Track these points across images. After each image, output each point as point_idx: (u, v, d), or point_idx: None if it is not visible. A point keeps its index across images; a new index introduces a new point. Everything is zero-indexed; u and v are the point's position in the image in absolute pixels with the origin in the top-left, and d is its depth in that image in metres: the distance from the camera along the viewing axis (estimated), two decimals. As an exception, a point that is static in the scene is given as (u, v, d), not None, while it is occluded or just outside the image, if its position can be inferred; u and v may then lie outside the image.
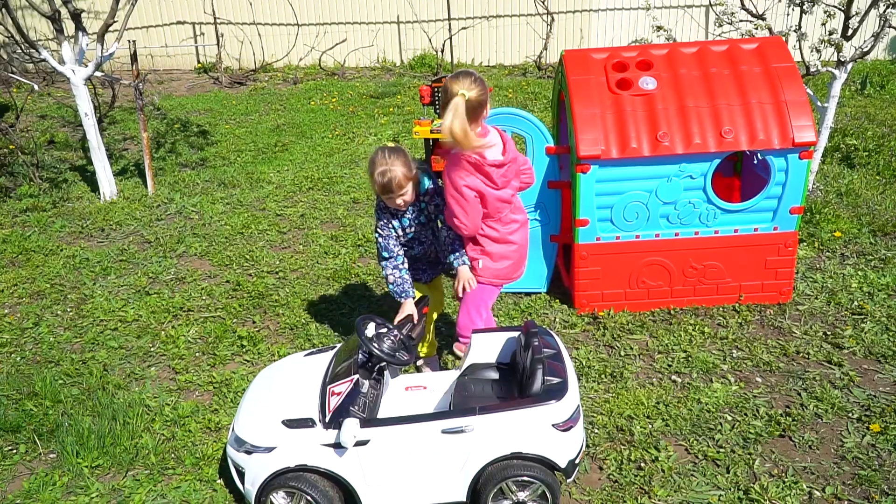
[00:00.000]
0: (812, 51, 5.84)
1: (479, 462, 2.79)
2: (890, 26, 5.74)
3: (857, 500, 3.06)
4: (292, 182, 7.20)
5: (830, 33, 5.73)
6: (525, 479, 2.81)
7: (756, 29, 6.11)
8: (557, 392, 2.83)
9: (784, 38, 5.88)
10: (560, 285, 4.91)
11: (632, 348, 4.18)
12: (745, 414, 3.59)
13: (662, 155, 4.17)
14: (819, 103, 5.87)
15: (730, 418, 3.57)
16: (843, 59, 5.72)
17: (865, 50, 5.72)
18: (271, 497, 2.89)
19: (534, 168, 4.57)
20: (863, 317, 4.40)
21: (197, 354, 4.34)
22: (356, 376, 2.93)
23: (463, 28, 12.02)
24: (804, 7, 5.68)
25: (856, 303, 4.54)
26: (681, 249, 4.43)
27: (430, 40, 12.16)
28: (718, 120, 4.18)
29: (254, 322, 4.69)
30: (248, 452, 2.90)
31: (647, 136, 4.18)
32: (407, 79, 11.54)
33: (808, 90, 5.92)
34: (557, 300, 4.74)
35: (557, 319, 4.52)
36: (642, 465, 3.27)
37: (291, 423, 2.87)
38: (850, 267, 4.99)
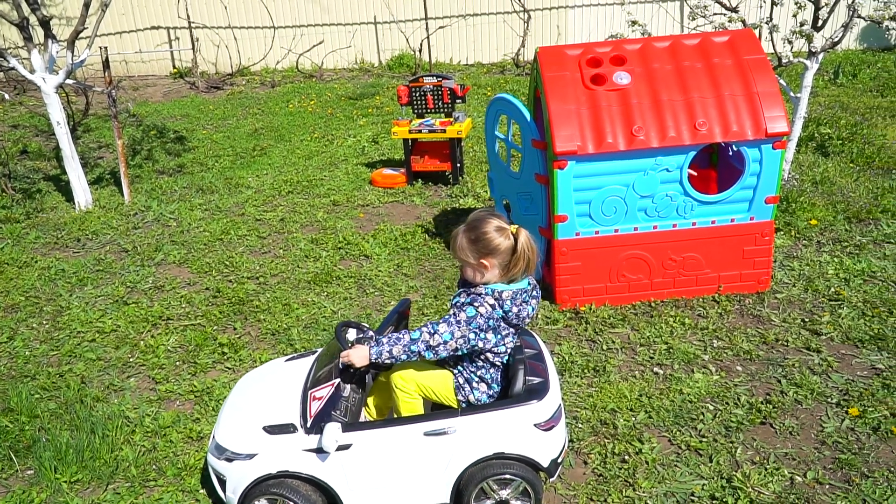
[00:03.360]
0: (784, 42, 5.90)
1: (462, 463, 2.79)
2: (859, 16, 5.80)
3: (838, 483, 3.10)
4: (271, 186, 7.16)
5: (801, 24, 5.78)
6: (507, 477, 2.81)
7: (730, 22, 6.16)
8: (539, 392, 2.82)
9: (756, 31, 5.93)
10: (541, 280, 4.91)
11: (614, 342, 4.20)
12: (727, 403, 3.62)
13: (638, 149, 4.19)
14: (792, 94, 5.92)
15: (711, 408, 3.59)
16: (814, 50, 5.78)
17: (836, 40, 5.78)
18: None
19: (526, 157, 4.62)
20: (840, 303, 4.44)
21: (177, 363, 4.30)
22: (337, 380, 2.89)
23: (440, 27, 12.02)
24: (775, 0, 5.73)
25: (833, 289, 4.59)
26: (659, 242, 4.45)
27: (407, 40, 12.14)
28: (692, 113, 4.21)
29: (235, 329, 4.66)
30: (229, 460, 2.87)
31: (623, 131, 4.20)
32: (385, 79, 11.52)
33: (781, 81, 5.98)
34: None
35: (539, 316, 4.53)
36: (626, 457, 3.29)
37: (272, 429, 2.84)
38: (827, 254, 5.05)
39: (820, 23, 5.76)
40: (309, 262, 5.51)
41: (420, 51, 11.84)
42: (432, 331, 2.72)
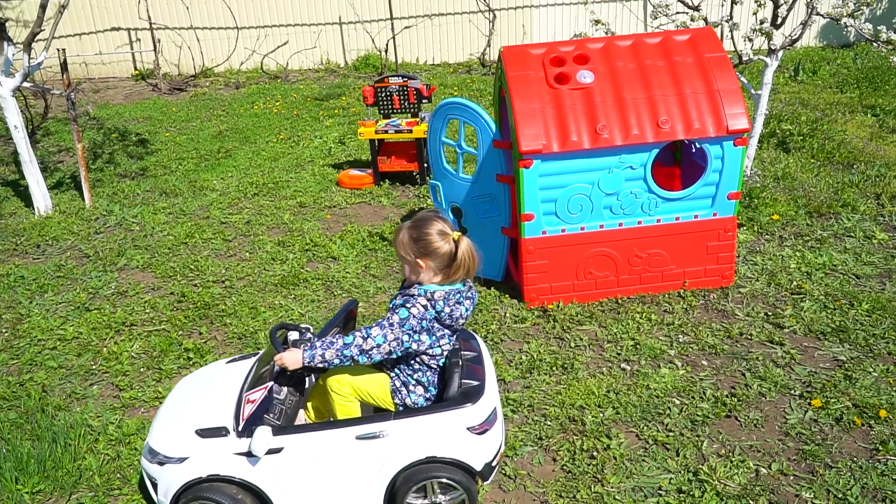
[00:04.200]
0: (745, 40, 5.99)
1: (395, 467, 2.79)
2: (818, 13, 5.91)
3: (802, 474, 3.15)
4: (237, 188, 7.08)
5: (762, 22, 5.88)
6: (443, 481, 2.81)
7: (692, 21, 6.24)
8: (473, 395, 2.82)
9: (717, 29, 6.01)
10: (510, 280, 4.93)
11: (581, 339, 4.23)
12: (693, 397, 3.66)
13: (602, 147, 4.22)
14: (753, 91, 6.02)
15: (678, 402, 3.63)
16: (773, 48, 5.87)
17: (795, 37, 5.88)
18: None
19: (484, 159, 4.62)
20: (802, 296, 4.52)
21: (141, 370, 4.23)
22: (271, 383, 2.86)
23: (406, 27, 11.99)
24: (734, -2, 5.82)
25: (795, 283, 4.67)
26: (625, 239, 4.49)
27: (373, 40, 12.09)
28: (655, 111, 4.25)
29: (200, 333, 4.59)
30: (161, 463, 2.83)
31: (587, 129, 4.23)
32: (352, 80, 11.46)
33: (742, 78, 6.06)
34: (507, 295, 4.76)
35: (508, 314, 4.54)
36: (595, 453, 3.31)
37: (204, 433, 2.82)
38: (789, 248, 5.14)
39: (779, 20, 5.86)
40: (275, 264, 5.45)
41: (386, 51, 11.81)
42: (365, 335, 2.72)
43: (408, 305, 2.74)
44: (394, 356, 2.80)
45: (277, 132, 8.98)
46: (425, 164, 6.79)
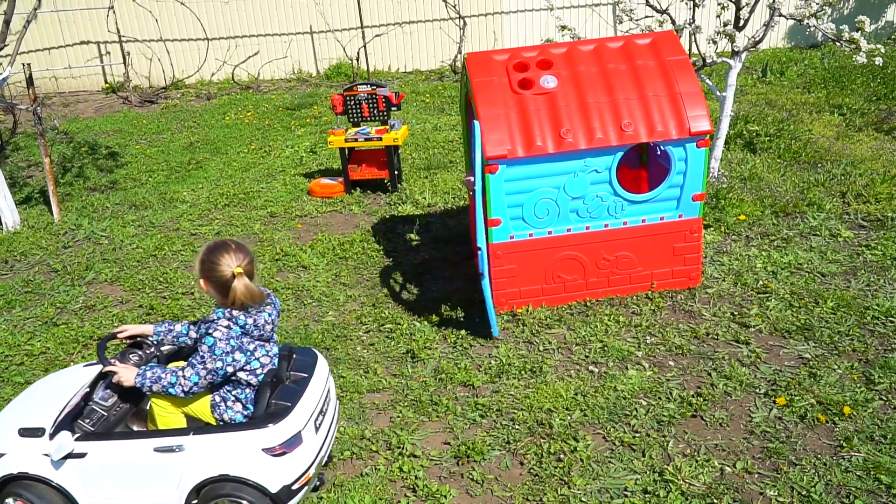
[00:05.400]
0: (709, 42, 6.06)
1: (191, 482, 2.83)
2: (780, 15, 6.00)
3: (767, 472, 3.18)
4: (207, 200, 7.03)
5: (725, 25, 5.95)
6: (236, 500, 2.83)
7: (661, 24, 6.30)
8: (274, 417, 2.84)
9: (682, 32, 6.08)
10: (478, 284, 4.92)
11: (550, 342, 4.24)
12: (659, 398, 3.68)
13: (567, 151, 4.24)
14: (718, 93, 6.09)
15: (645, 403, 3.65)
16: (737, 49, 5.95)
17: (758, 39, 5.96)
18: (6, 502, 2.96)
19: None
20: (768, 295, 4.57)
21: (108, 384, 4.17)
22: (87, 390, 3.02)
23: (376, 35, 12.00)
24: (696, 1, 5.88)
25: (761, 282, 4.72)
26: (592, 242, 4.51)
27: (344, 49, 12.08)
28: (618, 114, 4.28)
29: (168, 346, 4.54)
30: None
31: (552, 134, 4.25)
32: (323, 89, 11.43)
33: (708, 81, 6.14)
34: (477, 300, 4.76)
35: (477, 320, 4.54)
36: (562, 456, 3.31)
37: (24, 432, 2.95)
38: (755, 248, 5.20)
39: (742, 23, 5.94)
40: (246, 275, 5.41)
41: (357, 59, 11.80)
42: (182, 375, 2.84)
43: (211, 331, 2.82)
44: (216, 382, 2.89)
45: (249, 142, 8.94)
46: (395, 172, 6.78)
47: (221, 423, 2.96)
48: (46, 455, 2.88)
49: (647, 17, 6.47)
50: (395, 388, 3.94)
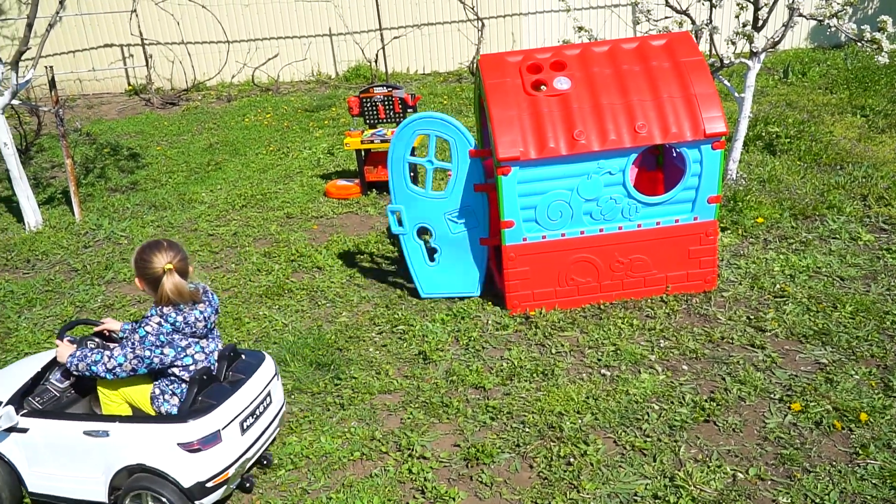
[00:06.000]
0: (728, 43, 6.00)
1: (114, 467, 2.97)
2: (800, 15, 5.92)
3: (780, 479, 3.13)
4: (225, 201, 7.09)
5: (744, 25, 5.89)
6: (155, 494, 2.91)
7: (680, 25, 6.25)
8: (194, 414, 2.92)
9: (699, 33, 6.03)
10: (493, 288, 4.92)
11: (563, 345, 4.22)
12: (672, 402, 3.65)
13: (580, 153, 4.22)
14: (736, 94, 6.03)
15: (657, 407, 3.62)
16: (755, 50, 5.89)
17: (777, 40, 5.89)
18: None
19: (460, 171, 4.58)
20: (785, 299, 4.51)
21: (123, 383, 4.22)
22: (37, 369, 3.24)
23: (395, 37, 12.03)
24: (714, 2, 5.83)
25: (778, 286, 4.66)
26: (606, 245, 4.49)
27: (363, 51, 12.14)
28: (632, 116, 4.25)
29: (184, 346, 4.59)
30: None
31: (565, 136, 4.24)
32: (342, 91, 11.49)
33: (726, 82, 6.09)
34: (490, 303, 4.75)
35: (490, 322, 4.53)
36: (572, 460, 3.30)
37: None
38: (773, 251, 5.13)
39: (760, 23, 5.87)
40: (261, 275, 5.46)
41: (376, 61, 11.85)
42: (109, 355, 2.98)
43: (143, 325, 2.97)
44: (141, 371, 3.00)
45: (267, 144, 9.01)
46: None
47: (159, 414, 3.09)
48: None
49: (666, 17, 6.43)
50: (406, 390, 3.95)
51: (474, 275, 4.79)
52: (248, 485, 3.24)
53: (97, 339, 3.36)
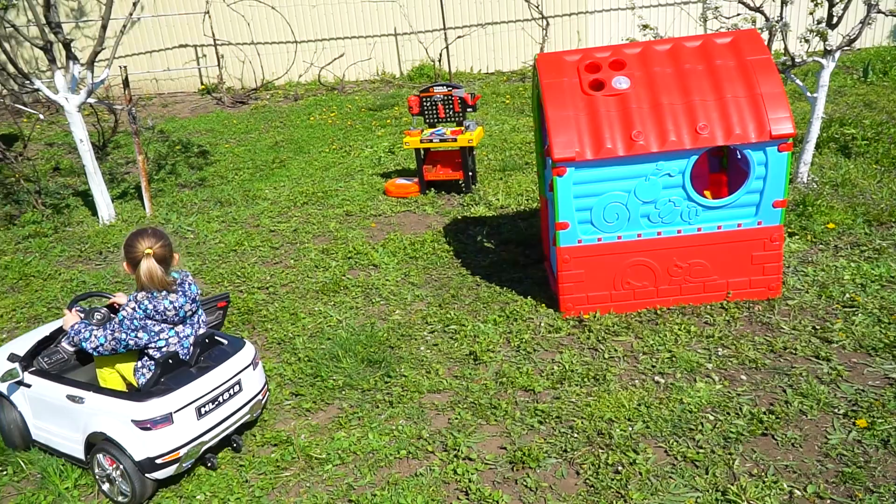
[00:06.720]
0: (800, 41, 5.76)
1: (87, 430, 3.30)
2: (879, 12, 5.64)
3: (840, 498, 2.99)
4: (287, 197, 7.24)
5: (818, 22, 5.65)
6: (112, 457, 3.24)
7: (753, 22, 6.04)
8: (149, 394, 3.22)
9: (773, 31, 5.81)
10: (547, 289, 4.87)
11: (616, 350, 4.13)
12: (728, 413, 3.53)
13: (638, 154, 4.13)
14: (809, 94, 5.78)
15: (711, 418, 3.50)
16: (829, 48, 5.63)
17: (853, 37, 5.63)
18: None
19: None
20: (854, 309, 4.30)
21: (183, 373, 4.36)
22: (49, 332, 3.74)
23: (459, 37, 12.04)
24: (786, -2, 5.62)
25: (847, 295, 4.45)
26: (664, 248, 4.37)
27: (426, 51, 12.19)
28: (693, 116, 4.13)
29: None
30: None
31: (622, 136, 4.15)
32: (406, 90, 11.57)
33: (798, 81, 5.85)
34: (543, 304, 4.70)
35: (543, 324, 4.48)
36: (620, 468, 3.22)
37: (11, 357, 3.60)
38: (843, 259, 4.90)
39: (835, 20, 5.61)
40: (318, 271, 5.55)
41: (439, 61, 11.88)
42: (95, 335, 3.30)
43: (122, 311, 3.29)
44: (120, 351, 3.33)
45: (330, 142, 9.15)
46: (470, 173, 6.79)
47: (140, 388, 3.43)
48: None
49: (737, 14, 6.22)
50: (455, 390, 3.94)
51: None
52: (209, 465, 3.47)
53: (104, 311, 3.67)
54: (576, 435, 3.47)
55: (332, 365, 4.24)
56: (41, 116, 9.85)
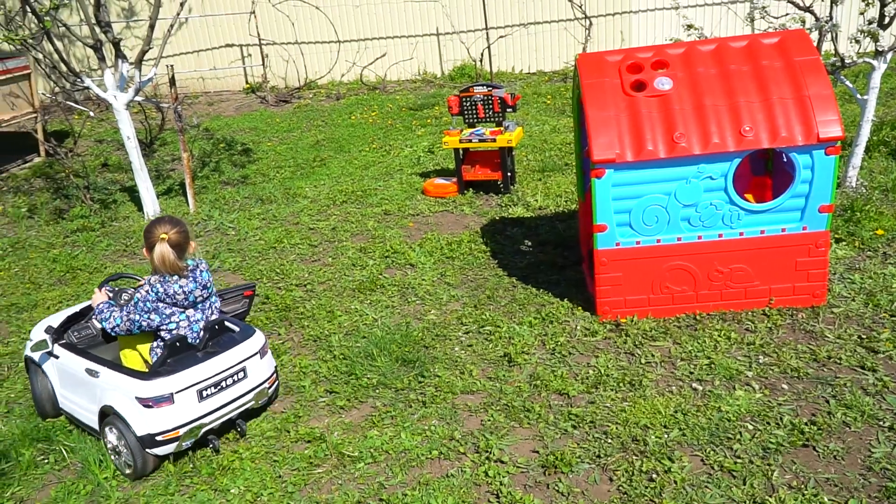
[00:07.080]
0: (851, 41, 5.60)
1: (101, 401, 3.51)
2: (935, 12, 5.44)
3: (884, 513, 2.89)
4: (327, 196, 7.31)
5: (870, 23, 5.48)
6: (118, 430, 3.43)
7: (803, 22, 5.89)
8: (152, 374, 3.42)
9: (823, 31, 5.66)
10: (584, 292, 4.82)
11: (653, 355, 4.07)
12: (768, 423, 3.44)
13: (680, 156, 4.06)
14: (859, 96, 5.61)
15: (751, 427, 3.42)
16: (881, 49, 5.46)
17: (908, 38, 5.44)
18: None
19: None
20: (903, 319, 4.17)
21: (221, 367, 4.43)
22: (82, 308, 4.06)
23: (501, 37, 12.00)
24: (836, -2, 5.46)
25: (896, 304, 4.31)
26: (705, 253, 4.29)
27: (468, 50, 12.18)
28: (738, 118, 4.05)
29: (279, 334, 4.77)
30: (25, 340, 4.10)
31: (664, 138, 4.08)
32: (447, 90, 11.58)
33: (848, 83, 5.68)
34: (580, 307, 4.65)
35: (579, 327, 4.44)
36: (654, 476, 3.17)
37: (48, 329, 3.92)
38: (892, 266, 4.74)
39: (887, 20, 5.44)
40: (355, 270, 5.58)
41: (481, 61, 11.86)
42: (113, 316, 3.50)
43: (138, 293, 3.49)
44: (135, 332, 3.53)
45: (371, 141, 9.21)
46: (508, 174, 6.75)
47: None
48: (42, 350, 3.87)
49: (786, 14, 6.07)
50: (488, 392, 3.93)
51: None
52: (211, 446, 3.59)
53: (131, 292, 3.81)
54: (610, 441, 3.42)
55: (367, 363, 4.27)
56: (91, 114, 10.12)
